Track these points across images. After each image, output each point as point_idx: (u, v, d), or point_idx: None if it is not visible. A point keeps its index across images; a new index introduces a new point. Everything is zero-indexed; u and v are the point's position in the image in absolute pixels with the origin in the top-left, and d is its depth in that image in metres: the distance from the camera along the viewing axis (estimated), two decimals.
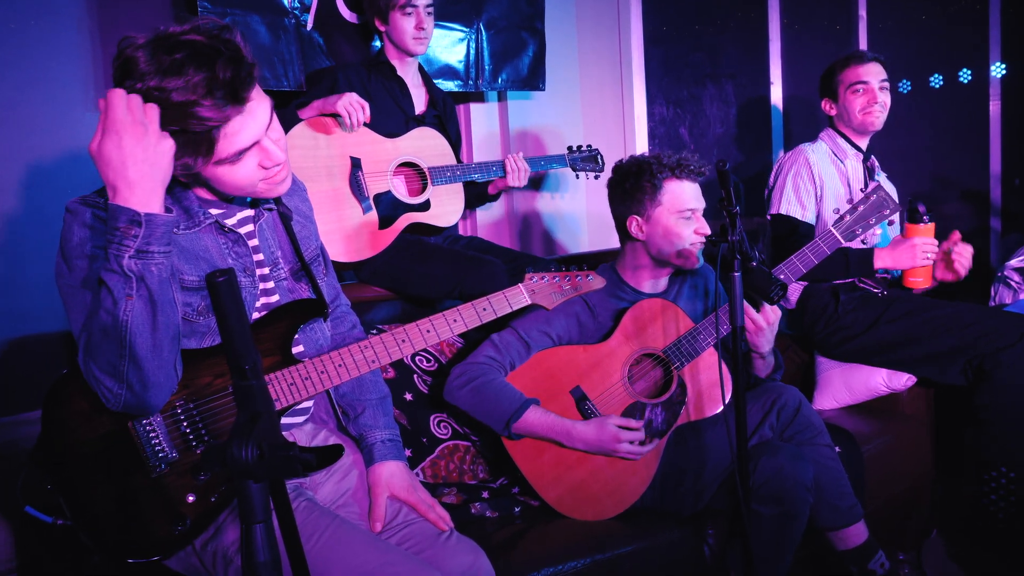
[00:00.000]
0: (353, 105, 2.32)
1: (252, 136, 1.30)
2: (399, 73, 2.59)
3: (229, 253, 1.45)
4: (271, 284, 1.51)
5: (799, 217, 2.66)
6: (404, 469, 1.64)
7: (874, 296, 2.64)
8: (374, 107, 2.44)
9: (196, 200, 1.41)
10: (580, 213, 3.52)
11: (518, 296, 1.75)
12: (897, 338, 2.53)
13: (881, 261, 2.54)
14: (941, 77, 4.39)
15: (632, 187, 2.10)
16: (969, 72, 4.37)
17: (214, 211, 1.44)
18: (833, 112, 2.77)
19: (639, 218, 2.10)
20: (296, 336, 1.51)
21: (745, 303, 1.96)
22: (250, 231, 1.49)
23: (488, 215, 3.30)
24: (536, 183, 3.40)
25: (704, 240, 2.07)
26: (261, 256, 1.49)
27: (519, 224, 3.36)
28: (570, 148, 2.85)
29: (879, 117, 2.70)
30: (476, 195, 2.81)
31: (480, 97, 3.26)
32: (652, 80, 3.71)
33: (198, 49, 1.23)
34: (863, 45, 4.18)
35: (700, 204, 2.10)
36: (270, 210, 1.53)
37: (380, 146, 2.47)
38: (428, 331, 1.57)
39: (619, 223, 2.17)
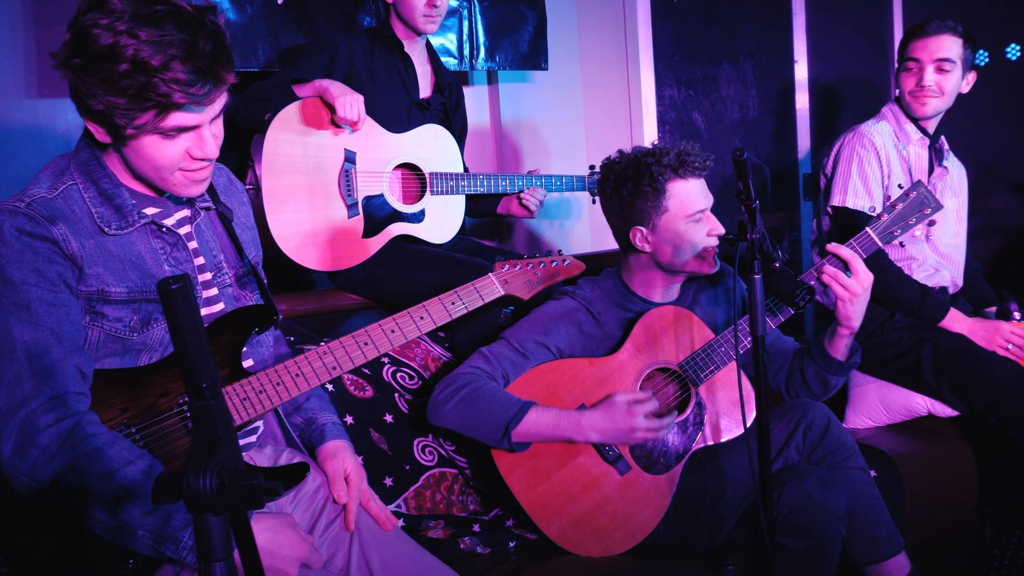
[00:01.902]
0: (352, 107, 2.29)
1: (198, 119, 1.31)
2: (406, 50, 2.57)
3: (167, 259, 1.43)
4: (214, 291, 1.50)
5: (865, 210, 2.56)
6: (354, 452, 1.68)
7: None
8: (375, 85, 2.42)
9: (128, 195, 1.40)
10: (581, 210, 3.52)
11: (490, 287, 1.77)
12: (936, 370, 2.50)
13: (954, 324, 2.54)
14: (987, 54, 4.39)
15: (631, 194, 2.05)
16: (1018, 48, 4.39)
17: (149, 210, 1.42)
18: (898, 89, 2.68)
19: (644, 229, 2.06)
20: (244, 349, 1.50)
21: (833, 269, 1.95)
22: (188, 232, 1.48)
23: None
24: None
25: (719, 241, 2.05)
26: (202, 260, 1.48)
27: (514, 223, 3.36)
28: (592, 168, 2.76)
29: (928, 104, 2.58)
30: (478, 212, 2.78)
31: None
32: (661, 59, 3.71)
33: (182, 12, 1.23)
34: (897, 18, 4.18)
35: (708, 201, 2.06)
36: (208, 209, 1.52)
37: (380, 140, 2.43)
38: (393, 331, 1.59)
39: (620, 234, 2.13)
